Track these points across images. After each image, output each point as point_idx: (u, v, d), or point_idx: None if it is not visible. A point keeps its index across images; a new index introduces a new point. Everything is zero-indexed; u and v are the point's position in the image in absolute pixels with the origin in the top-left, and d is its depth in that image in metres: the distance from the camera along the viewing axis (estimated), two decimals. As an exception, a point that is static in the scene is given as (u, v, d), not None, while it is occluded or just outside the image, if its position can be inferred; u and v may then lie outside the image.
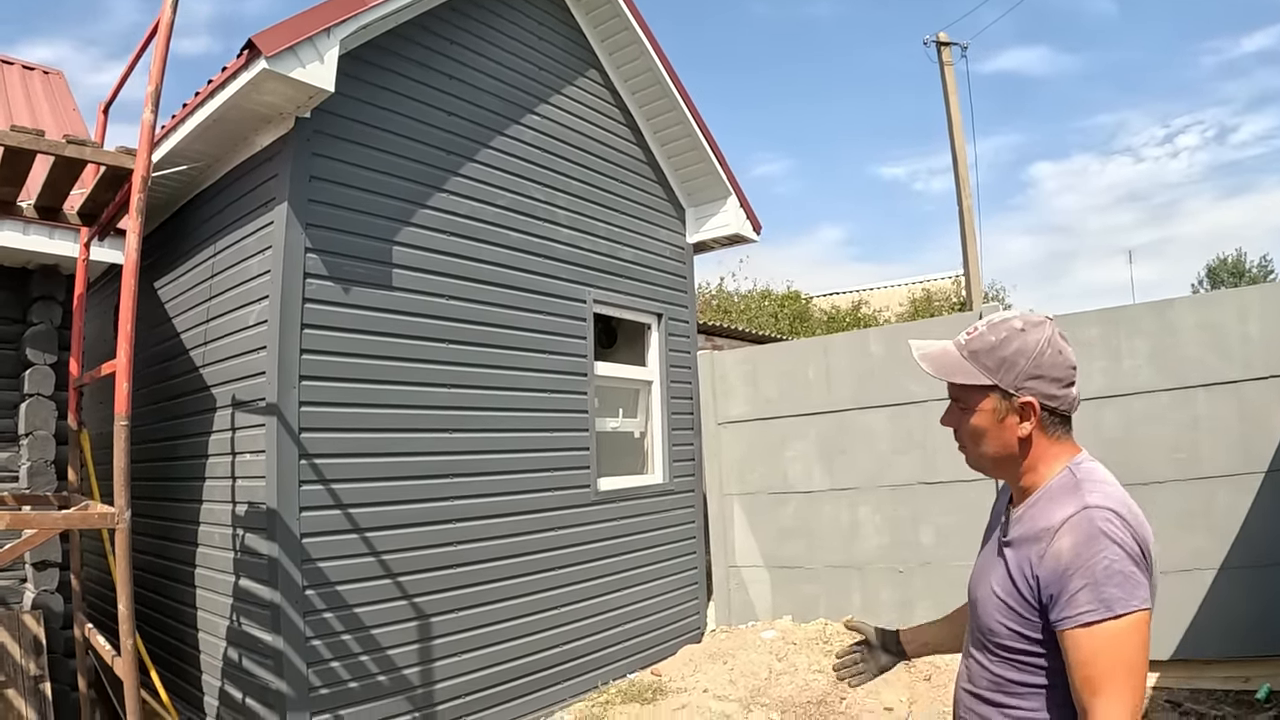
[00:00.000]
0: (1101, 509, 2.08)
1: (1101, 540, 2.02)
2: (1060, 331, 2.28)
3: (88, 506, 5.26)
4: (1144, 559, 2.05)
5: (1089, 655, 2.01)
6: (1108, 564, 2.00)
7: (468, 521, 7.09)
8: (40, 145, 4.54)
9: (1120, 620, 1.98)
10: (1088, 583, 2.00)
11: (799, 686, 7.59)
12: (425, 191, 7.02)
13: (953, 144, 17.59)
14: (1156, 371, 7.66)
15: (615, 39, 9.15)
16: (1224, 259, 56.94)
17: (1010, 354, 2.26)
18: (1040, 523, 2.17)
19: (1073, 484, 2.19)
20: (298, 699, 5.84)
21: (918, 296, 31.89)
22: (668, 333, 9.77)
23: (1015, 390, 2.25)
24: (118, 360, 4.53)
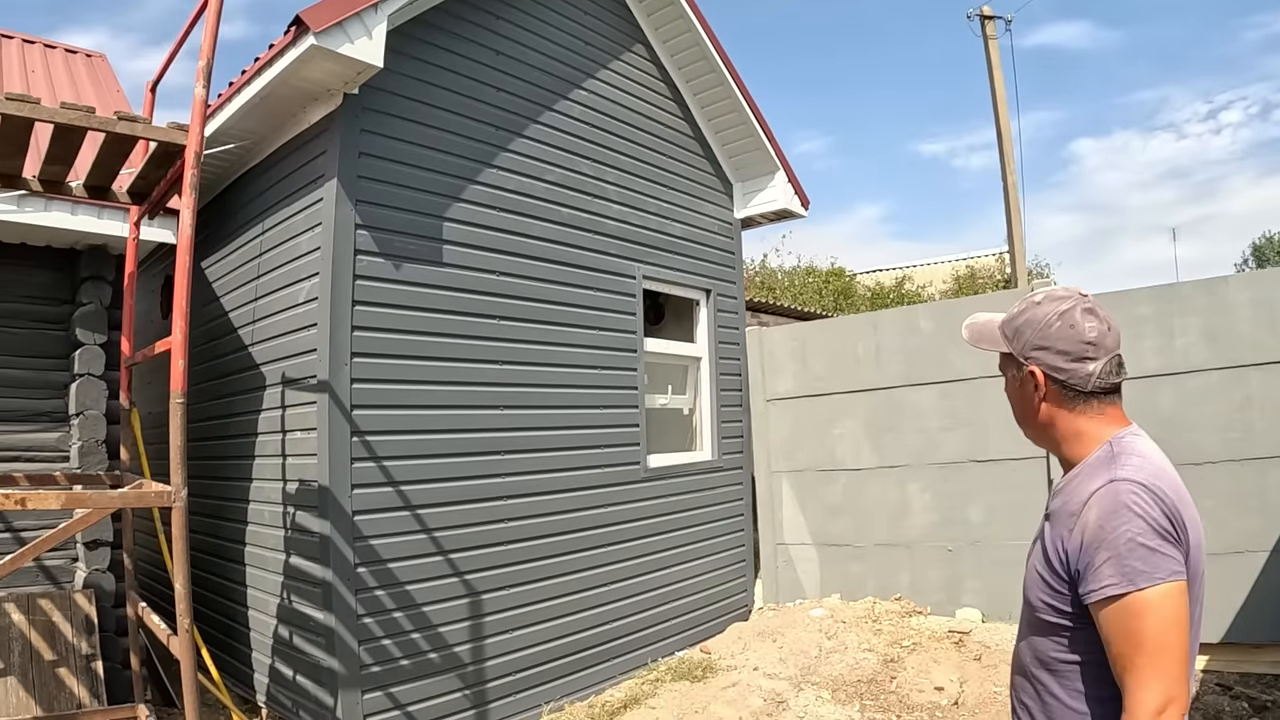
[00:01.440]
0: (1128, 482, 2.09)
1: (1125, 513, 2.05)
2: (1090, 308, 2.29)
3: (142, 485, 5.26)
4: (1173, 532, 2.05)
5: (1117, 630, 2.03)
6: (1130, 537, 2.02)
7: (518, 498, 7.08)
8: (91, 122, 4.52)
9: (1144, 593, 1.99)
10: (1111, 556, 2.03)
11: (849, 665, 7.54)
12: (474, 167, 6.99)
13: (997, 120, 17.34)
14: (1209, 350, 7.54)
15: (661, 13, 9.07)
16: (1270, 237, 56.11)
17: (1021, 324, 2.35)
18: (1075, 497, 2.19)
19: (1108, 457, 2.20)
20: (349, 676, 5.84)
21: (961, 274, 31.69)
22: (716, 309, 9.72)
23: (1024, 359, 2.34)
24: (173, 337, 4.49)
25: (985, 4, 17.72)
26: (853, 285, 31.47)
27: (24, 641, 6.17)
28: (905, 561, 9.02)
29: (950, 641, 7.80)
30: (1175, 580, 2.00)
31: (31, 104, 4.41)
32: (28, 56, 9.04)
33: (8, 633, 6.15)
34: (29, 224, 6.22)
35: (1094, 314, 2.28)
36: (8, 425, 6.64)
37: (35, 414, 6.76)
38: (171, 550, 7.62)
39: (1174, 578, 2.00)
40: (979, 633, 7.94)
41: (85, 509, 4.78)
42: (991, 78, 17.53)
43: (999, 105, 17.35)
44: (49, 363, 6.85)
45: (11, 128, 4.65)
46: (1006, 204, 17.19)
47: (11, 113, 4.38)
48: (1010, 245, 17.41)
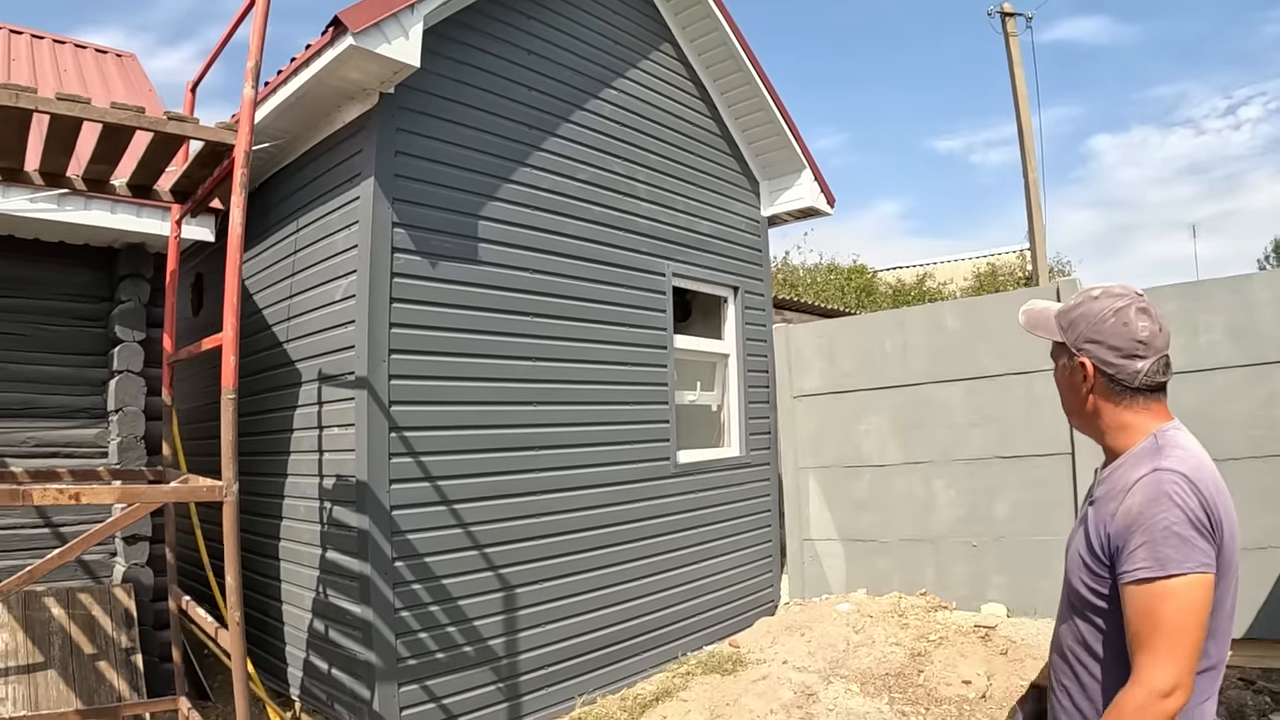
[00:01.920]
0: (1171, 472, 2.20)
1: (1165, 502, 2.16)
2: (1145, 308, 2.38)
3: (188, 480, 5.33)
4: (1208, 525, 2.15)
5: (1140, 611, 2.13)
6: (1166, 525, 2.13)
7: (551, 494, 7.13)
8: (142, 122, 4.58)
9: (1172, 580, 2.10)
10: (1146, 541, 2.14)
11: (877, 658, 7.59)
12: (508, 166, 7.04)
13: (1018, 116, 17.33)
14: (1233, 347, 7.55)
15: (689, 12, 9.11)
16: (1293, 234, 55.89)
17: (1076, 316, 2.44)
18: (1118, 484, 2.29)
19: (1153, 448, 2.31)
20: (386, 669, 5.90)
21: (982, 271, 31.73)
22: (744, 306, 9.77)
23: (1076, 350, 2.43)
24: (224, 334, 4.58)
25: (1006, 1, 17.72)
26: (874, 282, 31.57)
27: (64, 635, 6.24)
28: (930, 557, 9.06)
29: (976, 636, 7.84)
30: (1203, 572, 2.10)
31: (83, 104, 4.47)
32: (59, 57, 9.11)
33: (47, 626, 6.22)
34: (69, 223, 6.30)
35: (1147, 314, 2.36)
36: (48, 421, 6.72)
37: (74, 410, 6.83)
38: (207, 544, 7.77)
39: (1202, 569, 2.10)
40: (1004, 627, 7.97)
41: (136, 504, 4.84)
42: (1013, 75, 17.52)
43: (1020, 102, 17.35)
44: (87, 360, 6.93)
45: (60, 127, 4.71)
46: (1028, 201, 17.19)
47: (63, 113, 4.43)
48: (1031, 242, 17.43)
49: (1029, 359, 8.40)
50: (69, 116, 4.49)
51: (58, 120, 4.59)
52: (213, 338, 4.87)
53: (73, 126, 4.71)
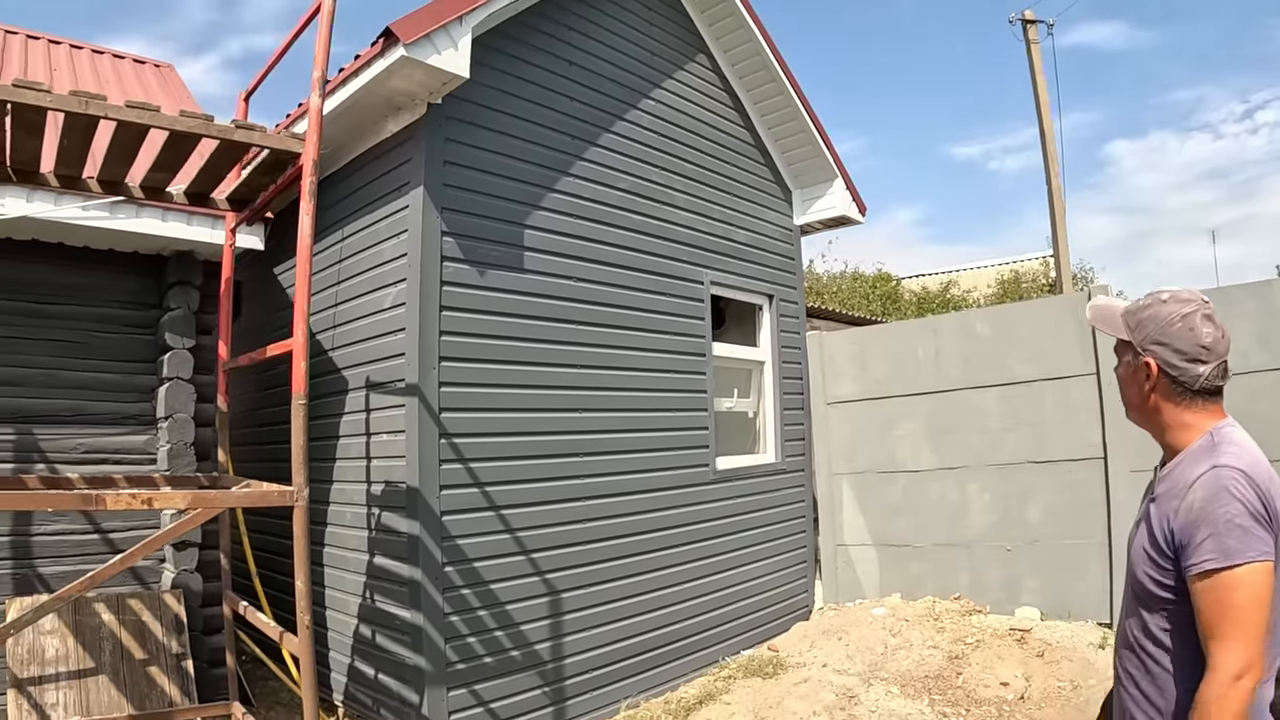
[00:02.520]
0: (1230, 468, 2.30)
1: (1225, 496, 2.27)
2: (1210, 315, 2.49)
3: (251, 484, 5.39)
4: (1266, 516, 2.25)
5: (1209, 601, 2.24)
6: (1229, 518, 2.24)
7: (596, 499, 7.20)
8: (210, 130, 4.65)
9: (1237, 570, 2.21)
10: (1211, 534, 2.25)
11: (915, 661, 7.64)
12: (551, 175, 7.11)
13: (1040, 123, 17.32)
14: (1260, 352, 7.62)
15: (723, 23, 9.19)
16: (1311, 239, 55.80)
17: (1145, 317, 2.53)
18: (1179, 481, 2.39)
19: (1210, 446, 2.40)
20: (435, 674, 5.95)
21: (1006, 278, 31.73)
22: (779, 314, 9.83)
23: (1142, 350, 2.52)
24: (295, 340, 4.63)
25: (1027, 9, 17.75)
26: (898, 290, 31.67)
27: (114, 641, 6.30)
28: (964, 561, 9.10)
29: (1012, 639, 7.88)
30: (1264, 560, 2.22)
31: (152, 111, 4.54)
32: (99, 66, 9.22)
33: (98, 632, 6.27)
34: (120, 230, 6.37)
35: (1212, 320, 2.48)
36: (98, 428, 6.78)
37: (124, 417, 6.89)
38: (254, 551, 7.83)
39: (1263, 557, 2.22)
40: (1039, 630, 8.02)
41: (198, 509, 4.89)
42: (1034, 82, 17.52)
43: (1042, 109, 17.34)
44: (137, 366, 6.99)
45: (125, 135, 4.78)
46: (1051, 209, 17.18)
47: (132, 120, 4.51)
48: (1055, 250, 17.38)
49: (1060, 365, 8.47)
50: (135, 124, 4.55)
51: (124, 128, 4.65)
52: (280, 344, 4.92)
53: (138, 135, 4.77)
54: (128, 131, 4.72)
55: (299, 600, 4.73)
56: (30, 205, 5.79)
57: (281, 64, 6.13)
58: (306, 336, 4.70)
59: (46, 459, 6.53)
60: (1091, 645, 7.62)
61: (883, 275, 31.97)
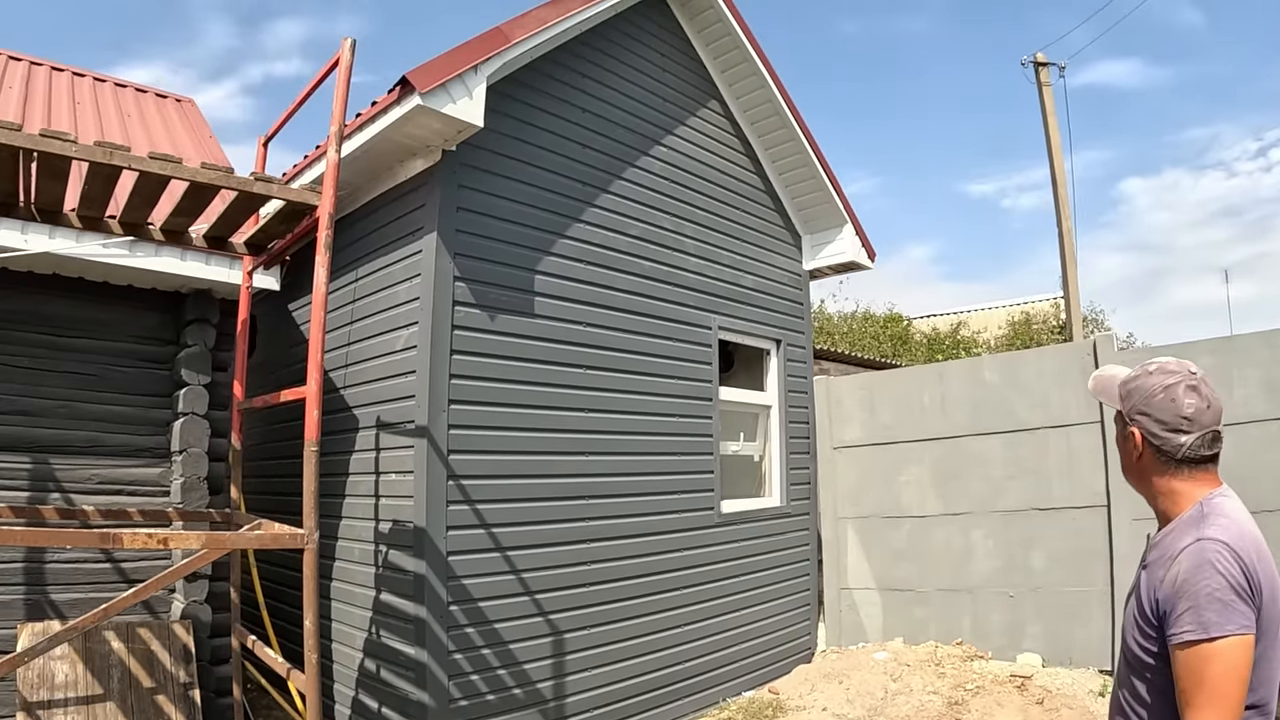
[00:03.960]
0: (1214, 541, 2.34)
1: (1208, 569, 2.29)
2: (1195, 386, 2.54)
3: (262, 525, 5.48)
4: (1248, 589, 2.29)
5: (1185, 671, 2.29)
6: (1209, 591, 2.26)
7: (601, 541, 7.28)
8: (230, 182, 4.78)
9: (1214, 643, 2.23)
10: (1190, 606, 2.28)
11: (915, 706, 7.68)
12: (563, 221, 7.24)
13: (1052, 166, 17.44)
14: (1268, 400, 7.69)
15: (735, 70, 9.34)
16: (1324, 278, 55.58)
17: (1133, 388, 2.60)
18: (1168, 551, 2.43)
19: (1199, 517, 2.44)
20: (438, 710, 6.02)
21: (1016, 319, 31.74)
22: (786, 358, 9.91)
23: (1129, 419, 2.60)
24: (308, 388, 4.73)
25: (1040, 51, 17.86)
26: (909, 331, 31.70)
27: (123, 668, 6.38)
28: (967, 606, 9.15)
29: (1013, 685, 7.92)
30: (1243, 634, 2.25)
31: (175, 163, 4.67)
32: (121, 101, 9.36)
33: (107, 659, 6.36)
34: (139, 268, 6.48)
35: (1197, 391, 2.52)
36: (113, 460, 6.89)
37: (138, 450, 7.00)
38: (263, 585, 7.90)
39: (1242, 631, 2.25)
40: (1040, 677, 8.06)
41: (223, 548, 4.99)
42: (1046, 125, 17.64)
43: (1054, 152, 17.45)
44: (152, 400, 7.10)
45: (147, 183, 4.90)
46: (1061, 252, 17.26)
47: (155, 171, 4.63)
48: (1065, 293, 17.46)
49: (1066, 413, 8.54)
50: (160, 175, 4.68)
51: (146, 176, 4.77)
52: (293, 390, 5.04)
53: (160, 183, 4.89)
54: (150, 180, 4.84)
55: (307, 639, 4.84)
56: (52, 242, 5.89)
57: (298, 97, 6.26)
58: (320, 385, 4.81)
59: (62, 488, 6.63)
60: (1091, 693, 7.66)
61: (893, 316, 31.98)
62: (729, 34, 9.08)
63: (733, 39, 9.10)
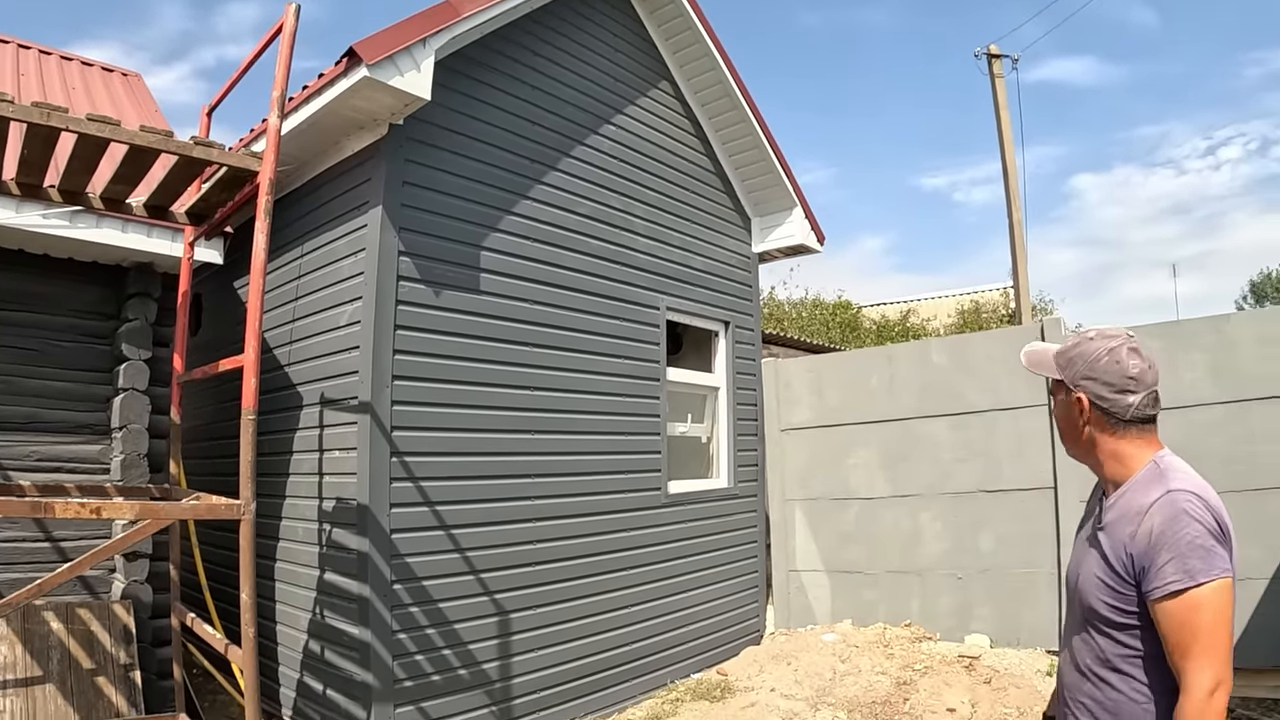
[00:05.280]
0: (1184, 492, 2.39)
1: (1184, 519, 2.35)
2: (1135, 348, 2.58)
3: (202, 497, 5.40)
4: (1223, 535, 2.35)
5: (1178, 621, 2.31)
6: (1190, 539, 2.32)
7: (546, 520, 7.24)
8: (170, 145, 4.68)
9: (1202, 588, 2.29)
10: (1173, 556, 2.32)
11: (863, 687, 7.69)
12: (510, 198, 7.18)
13: (1003, 157, 17.54)
14: (1213, 385, 7.75)
15: (687, 51, 9.31)
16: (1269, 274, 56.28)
17: (1074, 355, 2.63)
18: (1131, 508, 2.46)
19: (1158, 474, 2.49)
20: (383, 690, 5.97)
21: (966, 308, 31.99)
22: (734, 340, 9.91)
23: (1073, 386, 2.62)
24: (246, 356, 4.68)
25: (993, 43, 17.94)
26: (859, 318, 31.84)
27: (63, 650, 6.27)
28: (916, 588, 9.19)
29: (960, 666, 7.95)
30: (1226, 576, 2.31)
31: (113, 125, 4.56)
32: (67, 73, 9.19)
33: (46, 640, 6.25)
34: (80, 240, 6.35)
35: (1138, 353, 2.57)
36: (51, 436, 6.76)
37: (78, 426, 6.88)
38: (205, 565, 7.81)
39: (1225, 574, 2.31)
40: (988, 657, 8.10)
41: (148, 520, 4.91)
42: (998, 116, 17.74)
43: (1005, 144, 17.55)
44: (93, 376, 6.98)
45: (86, 147, 4.79)
46: (1012, 241, 17.37)
47: (93, 133, 4.52)
48: (1015, 281, 17.60)
49: (1014, 396, 8.57)
50: (98, 137, 4.58)
51: (85, 140, 4.67)
52: (232, 359, 4.96)
53: (99, 147, 4.79)
54: (88, 144, 4.73)
55: (244, 613, 4.76)
56: (-9, 212, 5.79)
57: (250, 78, 6.16)
58: (258, 353, 4.75)
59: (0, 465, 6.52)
60: (1039, 672, 7.70)
61: (843, 303, 32.11)
62: (681, 15, 9.06)
63: (685, 20, 9.08)
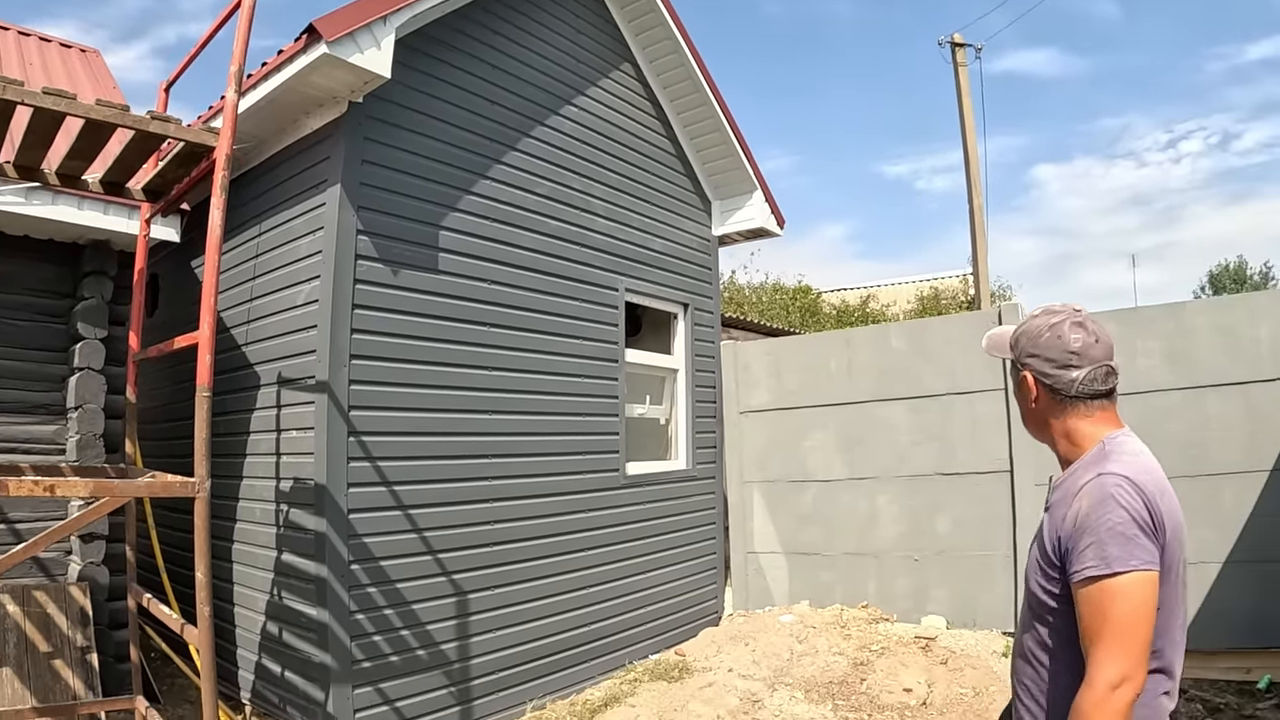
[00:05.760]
0: (1116, 475, 2.35)
1: (1110, 504, 2.31)
2: (1080, 322, 2.58)
3: (157, 475, 5.36)
4: (1151, 524, 2.30)
5: (1088, 609, 2.28)
6: (1111, 525, 2.28)
7: (504, 501, 7.23)
8: (126, 120, 4.64)
9: (1118, 578, 2.24)
10: (1093, 541, 2.29)
11: (820, 667, 7.74)
12: (470, 178, 7.16)
13: (965, 144, 17.63)
14: (1170, 371, 7.84)
15: (650, 34, 9.30)
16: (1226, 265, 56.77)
17: (1020, 333, 2.64)
18: (1070, 490, 2.45)
19: (1102, 455, 2.47)
20: (341, 671, 5.96)
21: (925, 294, 32.10)
22: (694, 323, 9.93)
23: (1020, 364, 2.63)
24: (201, 332, 4.65)
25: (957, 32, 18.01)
26: (818, 303, 31.89)
27: (19, 633, 6.23)
28: (873, 570, 9.23)
29: (917, 647, 8.01)
30: (1147, 570, 2.25)
31: (69, 99, 4.52)
32: (24, 49, 9.09)
33: (2, 623, 6.20)
34: (35, 217, 6.31)
35: (1082, 327, 2.56)
36: (6, 416, 6.70)
37: (33, 406, 6.82)
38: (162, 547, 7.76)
39: (1146, 567, 2.25)
40: (944, 639, 8.16)
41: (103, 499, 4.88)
42: (960, 104, 17.82)
43: (967, 131, 17.64)
44: (48, 355, 6.92)
45: (42, 121, 4.74)
46: (972, 227, 17.45)
47: (49, 107, 4.48)
48: (975, 268, 17.67)
49: (971, 380, 8.63)
50: (53, 110, 4.53)
51: (40, 114, 4.62)
52: (187, 336, 4.92)
53: (55, 121, 4.74)
54: (44, 118, 4.69)
55: (199, 591, 4.76)
56: (-57, 189, 5.72)
57: (210, 57, 6.12)
58: (213, 329, 4.73)
59: (-47, 447, 6.46)
60: (995, 653, 7.77)
61: (803, 288, 32.15)
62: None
63: (648, 2, 9.06)
